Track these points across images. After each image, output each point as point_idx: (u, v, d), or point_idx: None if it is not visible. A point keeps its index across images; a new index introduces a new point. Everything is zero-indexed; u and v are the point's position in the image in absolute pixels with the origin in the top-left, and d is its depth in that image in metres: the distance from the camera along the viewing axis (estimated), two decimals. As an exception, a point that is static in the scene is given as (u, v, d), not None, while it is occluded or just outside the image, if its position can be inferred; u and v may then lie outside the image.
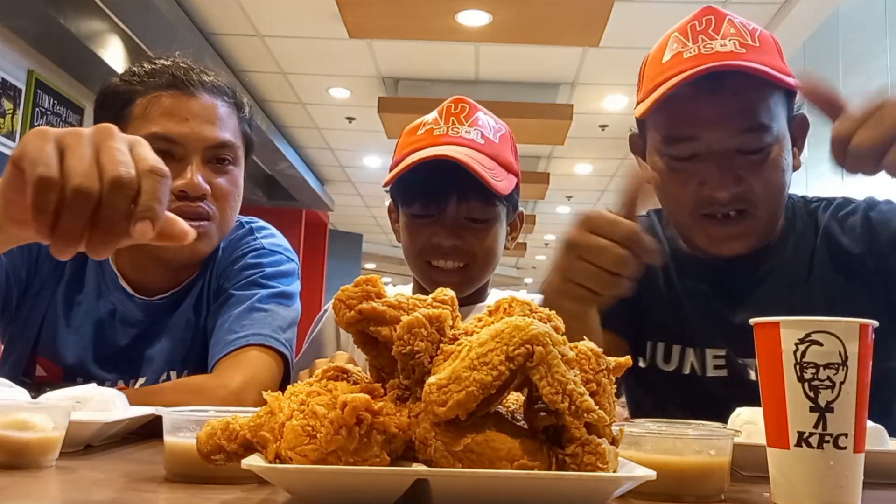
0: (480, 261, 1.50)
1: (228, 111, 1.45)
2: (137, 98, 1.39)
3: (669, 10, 5.20)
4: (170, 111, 1.37)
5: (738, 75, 1.22)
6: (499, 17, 4.89)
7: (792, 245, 1.39)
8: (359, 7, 4.75)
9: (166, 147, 1.36)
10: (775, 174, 1.28)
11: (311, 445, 0.62)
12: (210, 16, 5.64)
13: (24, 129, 4.89)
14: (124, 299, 1.47)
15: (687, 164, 1.29)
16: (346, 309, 0.70)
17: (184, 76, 1.41)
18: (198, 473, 0.76)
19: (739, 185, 1.26)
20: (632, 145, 1.46)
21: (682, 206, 1.32)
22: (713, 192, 1.27)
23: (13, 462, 0.80)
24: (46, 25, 4.56)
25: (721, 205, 1.28)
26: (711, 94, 1.24)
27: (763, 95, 1.26)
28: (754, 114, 1.25)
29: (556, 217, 11.82)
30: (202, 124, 1.39)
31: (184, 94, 1.39)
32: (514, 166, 1.52)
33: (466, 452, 0.62)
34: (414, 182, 1.48)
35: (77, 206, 0.73)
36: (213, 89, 1.43)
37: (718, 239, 1.32)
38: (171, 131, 1.36)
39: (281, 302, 1.45)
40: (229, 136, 1.42)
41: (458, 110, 1.52)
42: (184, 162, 1.37)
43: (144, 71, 1.42)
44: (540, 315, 0.71)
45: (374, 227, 13.07)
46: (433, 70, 6.53)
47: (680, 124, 1.28)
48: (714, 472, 0.78)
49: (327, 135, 8.40)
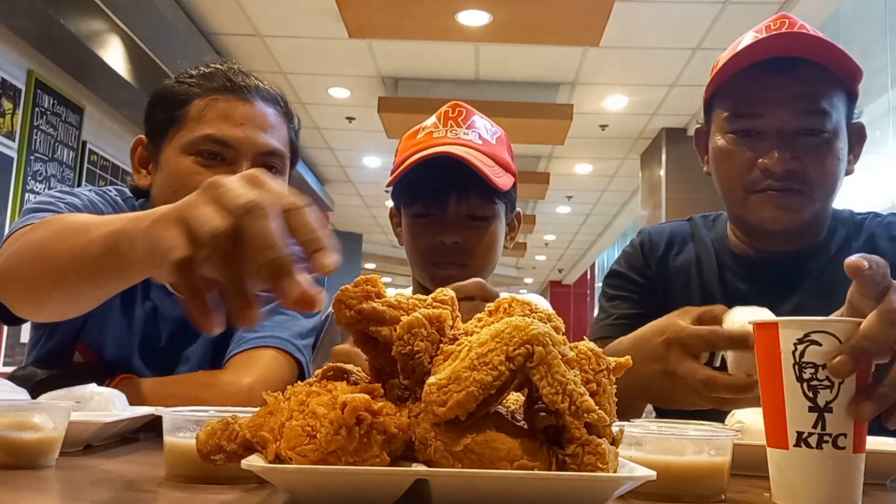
0: (480, 258, 1.52)
1: (280, 120, 1.46)
2: (194, 99, 1.40)
3: (669, 10, 5.20)
4: (225, 114, 1.38)
5: (808, 63, 1.31)
6: (499, 17, 4.89)
7: (835, 250, 1.43)
8: (359, 7, 4.75)
9: (218, 149, 1.37)
10: (830, 161, 1.34)
11: (311, 445, 0.62)
12: (210, 16, 5.64)
13: (24, 129, 4.89)
14: (163, 296, 1.47)
15: (748, 140, 1.36)
16: (346, 309, 0.70)
17: (241, 81, 1.42)
18: (198, 473, 0.76)
19: (795, 162, 1.32)
20: (696, 138, 1.53)
21: (738, 181, 1.38)
22: (770, 166, 1.32)
23: (13, 462, 0.80)
24: (46, 25, 4.56)
25: (776, 178, 1.33)
26: (780, 76, 1.32)
27: (828, 86, 1.33)
28: (818, 98, 1.33)
29: (556, 217, 11.83)
30: (255, 130, 1.39)
31: (239, 99, 1.40)
32: (511, 166, 1.55)
33: (466, 452, 0.62)
34: (415, 181, 1.50)
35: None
36: (268, 97, 1.45)
37: (771, 211, 1.35)
38: (225, 134, 1.37)
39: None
40: (279, 145, 1.43)
41: (455, 114, 1.56)
42: (234, 166, 1.37)
43: (201, 73, 1.43)
44: (540, 315, 0.71)
45: (374, 227, 13.07)
46: (433, 70, 6.53)
47: (747, 102, 1.36)
48: (714, 472, 0.78)
49: (327, 135, 8.40)
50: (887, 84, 4.45)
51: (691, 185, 7.08)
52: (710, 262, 1.51)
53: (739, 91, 1.37)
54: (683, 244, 1.56)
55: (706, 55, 5.70)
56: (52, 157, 5.25)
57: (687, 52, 5.81)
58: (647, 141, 8.07)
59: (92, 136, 5.65)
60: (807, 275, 1.42)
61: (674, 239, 1.57)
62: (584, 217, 11.99)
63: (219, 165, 1.36)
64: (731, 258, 1.49)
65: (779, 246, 1.43)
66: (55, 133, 5.25)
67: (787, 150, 1.32)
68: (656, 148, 7.84)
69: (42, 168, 5.12)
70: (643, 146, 8.25)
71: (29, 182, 4.98)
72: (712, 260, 1.51)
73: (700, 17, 5.29)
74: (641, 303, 1.52)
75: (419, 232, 1.52)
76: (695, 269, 1.51)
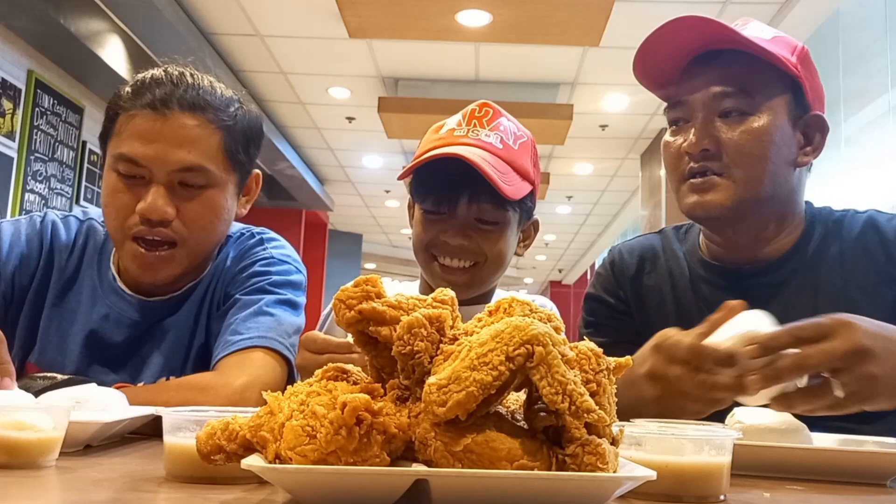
0: (489, 263, 1.50)
1: (208, 132, 1.38)
2: (119, 115, 1.38)
3: (669, 10, 5.19)
4: (139, 132, 1.35)
5: (735, 53, 1.33)
6: (499, 17, 4.90)
7: (814, 250, 1.40)
8: (359, 7, 4.75)
9: (133, 170, 1.35)
10: (753, 143, 1.32)
11: (311, 445, 0.62)
12: (210, 16, 5.64)
13: (24, 129, 4.89)
14: (118, 300, 1.47)
15: (677, 130, 1.38)
16: (346, 309, 0.70)
17: (163, 95, 1.36)
18: (198, 473, 0.76)
19: (711, 143, 1.33)
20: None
21: (672, 171, 1.39)
22: (687, 148, 1.34)
23: (13, 462, 0.80)
24: (46, 25, 4.56)
25: (694, 161, 1.34)
26: (704, 65, 1.36)
27: (750, 69, 1.33)
28: (737, 80, 1.33)
29: (556, 217, 11.83)
30: (168, 147, 1.34)
31: (156, 115, 1.35)
32: (530, 174, 1.52)
33: (466, 452, 0.62)
34: (428, 178, 1.50)
35: None
36: (194, 107, 1.37)
37: (691, 198, 1.35)
38: (136, 153, 1.34)
39: (287, 309, 1.45)
40: (198, 160, 1.36)
41: (481, 113, 1.53)
42: (149, 185, 1.35)
43: (139, 83, 1.40)
44: (540, 315, 0.71)
45: (374, 227, 13.07)
46: (433, 70, 6.53)
47: (677, 92, 1.38)
48: (714, 472, 0.78)
49: (327, 135, 8.40)
50: (887, 84, 4.45)
51: (691, 185, 7.07)
52: (682, 275, 1.47)
53: (675, 83, 1.39)
54: (655, 261, 1.52)
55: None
56: (52, 157, 5.25)
57: (687, 52, 5.80)
58: (647, 141, 8.08)
59: (92, 136, 5.65)
60: (786, 277, 1.39)
61: (645, 256, 1.53)
62: (584, 217, 11.99)
63: (136, 185, 1.36)
64: (703, 268, 1.45)
65: (741, 242, 1.40)
66: (55, 133, 5.26)
67: (703, 132, 1.32)
68: (656, 148, 7.84)
69: (42, 168, 5.13)
70: (643, 146, 8.25)
71: (29, 182, 4.98)
72: (685, 273, 1.47)
73: (700, 17, 5.28)
74: (616, 330, 1.49)
75: (427, 228, 1.52)
76: (668, 286, 1.48)
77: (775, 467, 0.96)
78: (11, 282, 1.45)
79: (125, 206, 1.36)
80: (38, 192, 5.09)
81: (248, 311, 1.40)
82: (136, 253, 1.37)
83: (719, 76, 1.34)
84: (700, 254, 1.48)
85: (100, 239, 1.52)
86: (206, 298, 1.49)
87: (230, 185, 1.44)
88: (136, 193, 1.35)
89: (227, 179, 1.43)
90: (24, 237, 1.48)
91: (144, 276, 1.40)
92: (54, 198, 5.29)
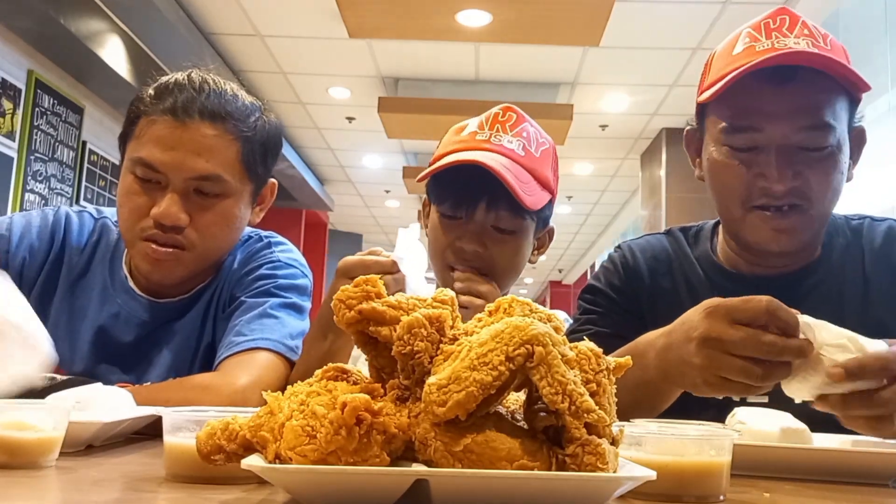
0: (502, 271, 1.49)
1: (226, 142, 1.38)
2: (140, 118, 1.39)
3: (669, 10, 5.20)
4: (159, 138, 1.35)
5: (809, 72, 1.23)
6: (499, 17, 4.89)
7: (837, 261, 1.37)
8: (359, 7, 4.75)
9: (150, 174, 1.36)
10: (833, 176, 1.28)
11: (311, 446, 0.62)
12: (210, 16, 5.64)
13: (24, 128, 4.89)
14: (129, 300, 1.47)
15: (746, 155, 1.29)
16: (345, 309, 0.70)
17: (184, 101, 1.36)
18: (198, 473, 0.76)
19: (797, 180, 1.26)
20: (686, 140, 1.46)
21: (736, 197, 1.31)
22: (770, 185, 1.26)
23: (13, 462, 0.80)
24: (46, 25, 4.56)
25: (776, 197, 1.26)
26: (780, 87, 1.25)
27: (831, 96, 1.26)
28: (821, 111, 1.25)
29: (556, 217, 11.79)
30: (186, 154, 1.35)
31: (176, 122, 1.35)
32: (550, 183, 1.51)
33: (466, 453, 0.62)
34: (447, 182, 1.48)
35: None
36: (215, 116, 1.37)
37: (768, 231, 1.29)
38: (155, 159, 1.35)
39: (291, 312, 1.45)
40: (215, 169, 1.37)
41: (505, 118, 1.51)
42: (165, 191, 1.36)
43: (161, 86, 1.40)
44: (540, 315, 0.71)
45: (374, 227, 13.06)
46: (433, 70, 6.53)
47: (745, 114, 1.28)
48: (714, 472, 0.78)
49: (327, 135, 8.40)
50: (887, 84, 4.45)
51: (691, 185, 7.06)
52: (700, 282, 1.42)
53: (737, 101, 1.28)
54: (667, 263, 1.47)
55: (706, 55, 5.67)
56: (52, 157, 5.25)
57: (687, 52, 5.81)
58: (647, 141, 8.07)
59: (92, 136, 5.65)
60: (810, 288, 1.35)
61: (657, 256, 1.47)
62: (584, 217, 11.99)
63: (152, 189, 1.37)
64: (724, 277, 1.40)
65: (774, 262, 1.36)
66: (55, 133, 5.25)
67: (787, 168, 1.25)
68: (656, 148, 7.84)
69: (42, 168, 5.12)
70: (643, 146, 8.24)
71: (29, 182, 4.98)
72: (702, 280, 1.42)
73: (700, 17, 5.28)
74: (616, 323, 1.42)
75: (443, 232, 1.50)
76: (685, 290, 1.42)
77: (775, 467, 0.96)
78: (20, 273, 1.45)
79: (139, 209, 1.37)
80: (38, 192, 5.09)
81: (253, 313, 1.41)
82: (146, 251, 1.38)
83: (803, 106, 1.25)
84: (714, 259, 1.43)
85: (113, 238, 1.53)
86: (214, 301, 1.50)
87: (245, 195, 1.45)
88: (152, 197, 1.37)
89: (243, 189, 1.44)
90: (35, 230, 1.49)
91: (154, 273, 1.41)
92: (54, 198, 5.29)
